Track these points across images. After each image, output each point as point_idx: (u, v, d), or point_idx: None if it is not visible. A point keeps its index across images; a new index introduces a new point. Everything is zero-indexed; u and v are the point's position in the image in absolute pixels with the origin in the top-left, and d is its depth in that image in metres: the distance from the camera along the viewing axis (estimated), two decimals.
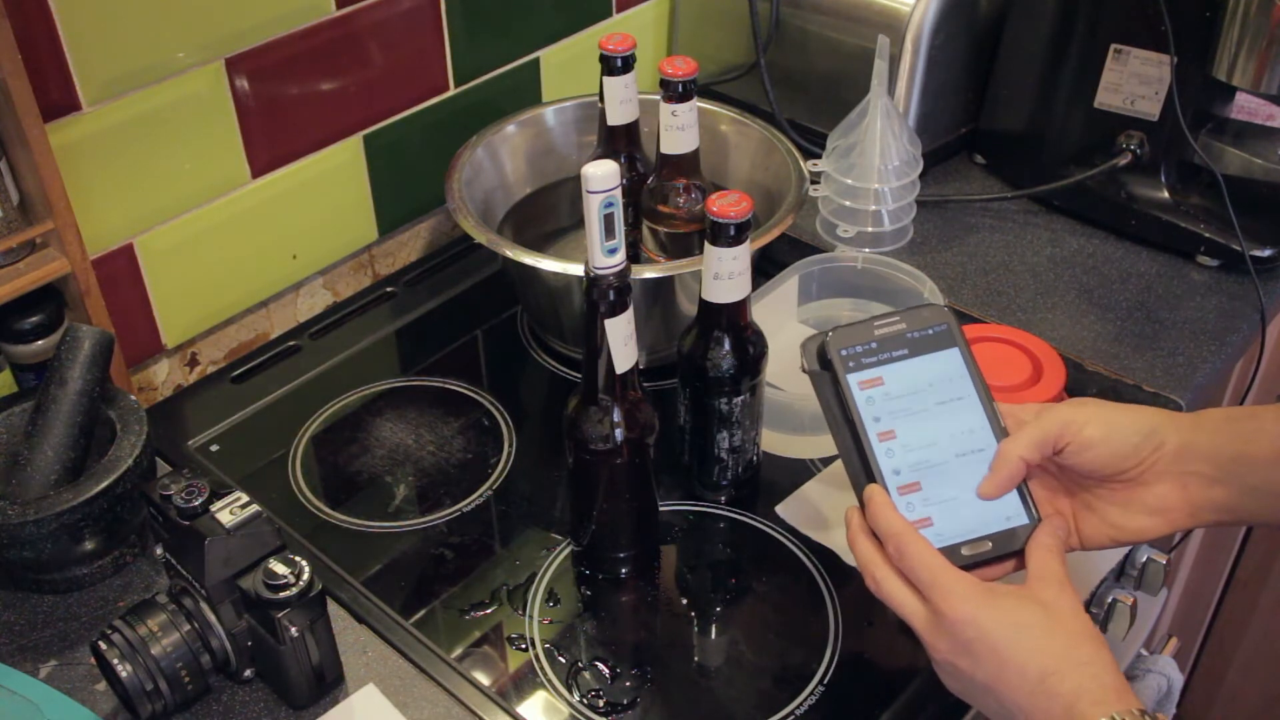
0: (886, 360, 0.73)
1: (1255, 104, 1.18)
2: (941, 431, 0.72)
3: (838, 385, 0.72)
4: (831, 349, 0.72)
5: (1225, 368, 1.07)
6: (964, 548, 0.70)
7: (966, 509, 0.71)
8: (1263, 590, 1.60)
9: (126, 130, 0.93)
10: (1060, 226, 1.21)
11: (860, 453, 0.71)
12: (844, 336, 0.73)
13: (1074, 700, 0.61)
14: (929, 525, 0.70)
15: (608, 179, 0.70)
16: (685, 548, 0.91)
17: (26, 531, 0.79)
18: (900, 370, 0.73)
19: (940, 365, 0.73)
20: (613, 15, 1.30)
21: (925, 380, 0.73)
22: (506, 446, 0.98)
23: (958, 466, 0.72)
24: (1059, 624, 0.64)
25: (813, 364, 0.73)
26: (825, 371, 0.73)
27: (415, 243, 1.22)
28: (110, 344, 0.85)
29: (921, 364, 0.73)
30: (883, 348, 0.73)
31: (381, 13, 1.07)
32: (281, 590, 0.72)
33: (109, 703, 0.78)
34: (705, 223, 0.80)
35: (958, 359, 0.74)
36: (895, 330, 0.73)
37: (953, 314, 0.75)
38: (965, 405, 0.73)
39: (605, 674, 0.80)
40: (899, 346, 0.73)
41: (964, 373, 0.73)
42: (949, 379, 0.73)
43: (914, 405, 0.72)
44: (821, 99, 1.25)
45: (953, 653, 0.66)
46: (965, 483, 0.71)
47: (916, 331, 0.74)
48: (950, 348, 0.74)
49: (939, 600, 0.65)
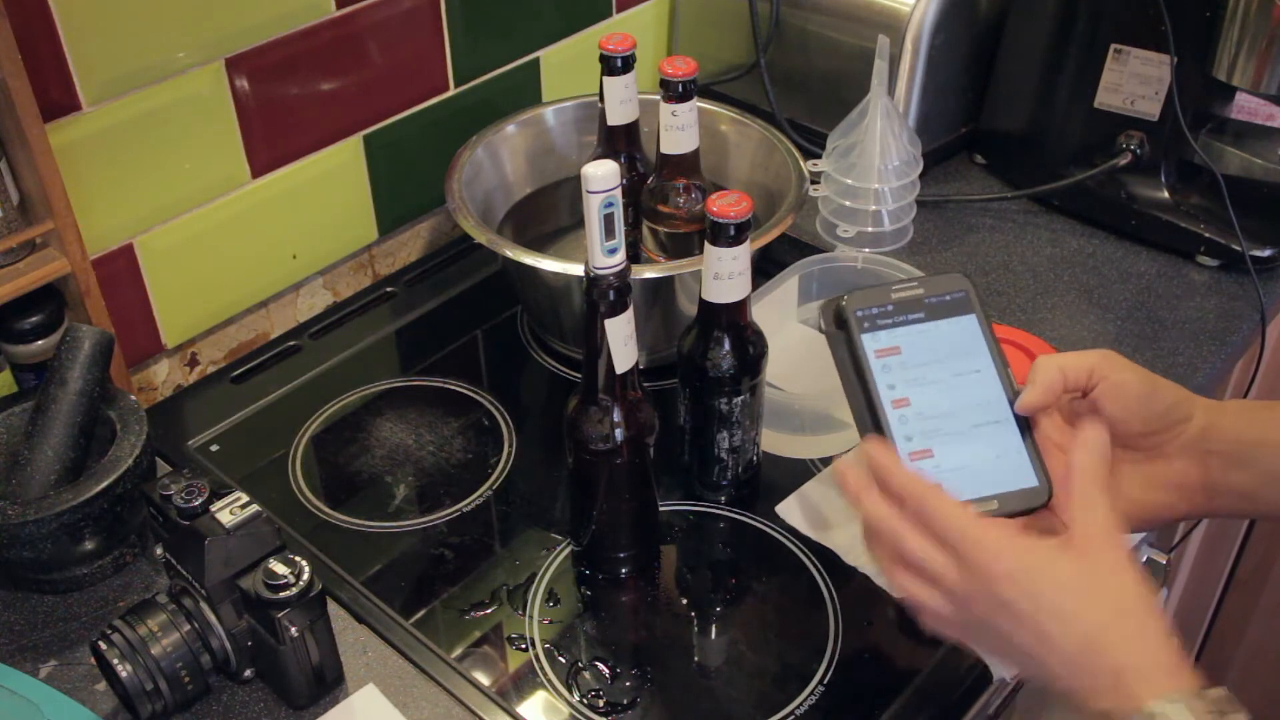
0: (903, 323, 0.72)
1: (1255, 104, 1.18)
2: (957, 402, 0.72)
3: (852, 345, 0.72)
4: (848, 310, 0.72)
5: (1225, 368, 1.07)
6: (970, 507, 0.70)
7: (976, 473, 0.71)
8: (1263, 590, 1.60)
9: (126, 130, 0.93)
10: (1060, 226, 1.21)
11: (873, 417, 0.71)
12: (861, 298, 0.72)
13: (1118, 675, 0.57)
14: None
15: (608, 179, 0.70)
16: (685, 548, 0.91)
17: (26, 531, 0.79)
18: (916, 335, 0.72)
19: (957, 331, 0.73)
20: (613, 15, 1.30)
21: (943, 348, 0.72)
22: (506, 446, 0.98)
23: (972, 436, 0.71)
24: (1103, 584, 0.60)
25: (829, 325, 0.73)
26: (841, 332, 0.72)
27: (415, 243, 1.22)
28: (110, 344, 0.85)
29: (938, 328, 0.72)
30: (899, 310, 0.72)
31: (381, 13, 1.07)
32: (281, 590, 0.72)
33: (109, 703, 0.78)
34: (705, 223, 0.80)
35: (974, 325, 0.73)
36: (913, 294, 0.73)
37: (971, 282, 0.74)
38: (982, 378, 0.72)
39: (605, 674, 0.80)
40: (915, 310, 0.72)
41: (980, 340, 0.73)
42: (966, 347, 0.73)
43: (930, 375, 0.72)
44: (821, 99, 1.25)
45: (990, 612, 0.61)
46: (978, 451, 0.71)
47: (934, 297, 0.73)
48: (968, 314, 0.73)
49: (974, 554, 0.61)
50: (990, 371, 0.73)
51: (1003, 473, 0.71)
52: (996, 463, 0.71)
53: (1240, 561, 1.61)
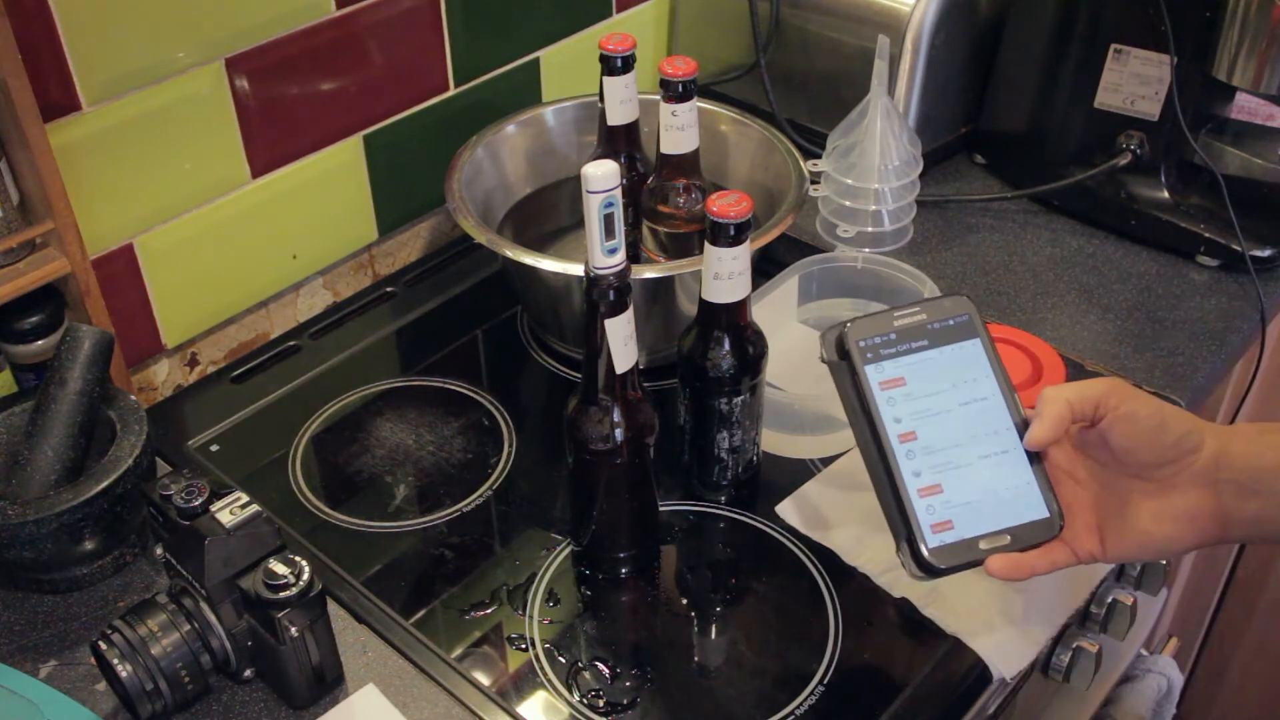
0: (906, 351, 0.71)
1: (1255, 104, 1.18)
2: (965, 433, 0.71)
3: (856, 377, 0.70)
4: (850, 339, 0.71)
5: (1225, 368, 1.07)
6: (981, 542, 0.69)
7: (987, 507, 0.70)
8: (1263, 590, 1.60)
9: (126, 130, 0.93)
10: (1060, 226, 1.21)
11: (880, 451, 0.70)
12: (863, 327, 0.71)
13: None
14: (949, 528, 0.69)
15: (608, 179, 0.70)
16: (685, 548, 0.91)
17: (26, 531, 0.79)
18: (921, 363, 0.71)
19: (962, 357, 0.72)
20: (613, 15, 1.30)
21: (947, 378, 0.71)
22: (506, 446, 0.98)
23: (981, 468, 0.70)
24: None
25: (831, 354, 0.72)
26: (843, 362, 0.71)
27: (415, 243, 1.22)
28: (110, 344, 0.85)
29: (942, 355, 0.71)
30: (902, 339, 0.71)
31: (381, 13, 1.07)
32: (281, 590, 0.72)
33: (109, 703, 0.78)
34: (705, 223, 0.80)
35: (979, 350, 0.72)
36: (915, 321, 0.72)
37: (973, 304, 0.73)
38: (989, 406, 0.71)
39: (605, 674, 0.80)
40: (919, 338, 0.71)
41: (986, 366, 0.72)
42: (971, 374, 0.72)
43: (936, 406, 0.71)
44: (821, 99, 1.25)
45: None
46: (987, 483, 0.70)
47: (937, 322, 0.72)
48: (972, 339, 0.72)
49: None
50: (997, 399, 0.72)
51: (1013, 505, 0.70)
52: (1006, 495, 0.70)
53: (1240, 561, 1.61)
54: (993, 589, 0.83)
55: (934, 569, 0.70)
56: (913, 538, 0.70)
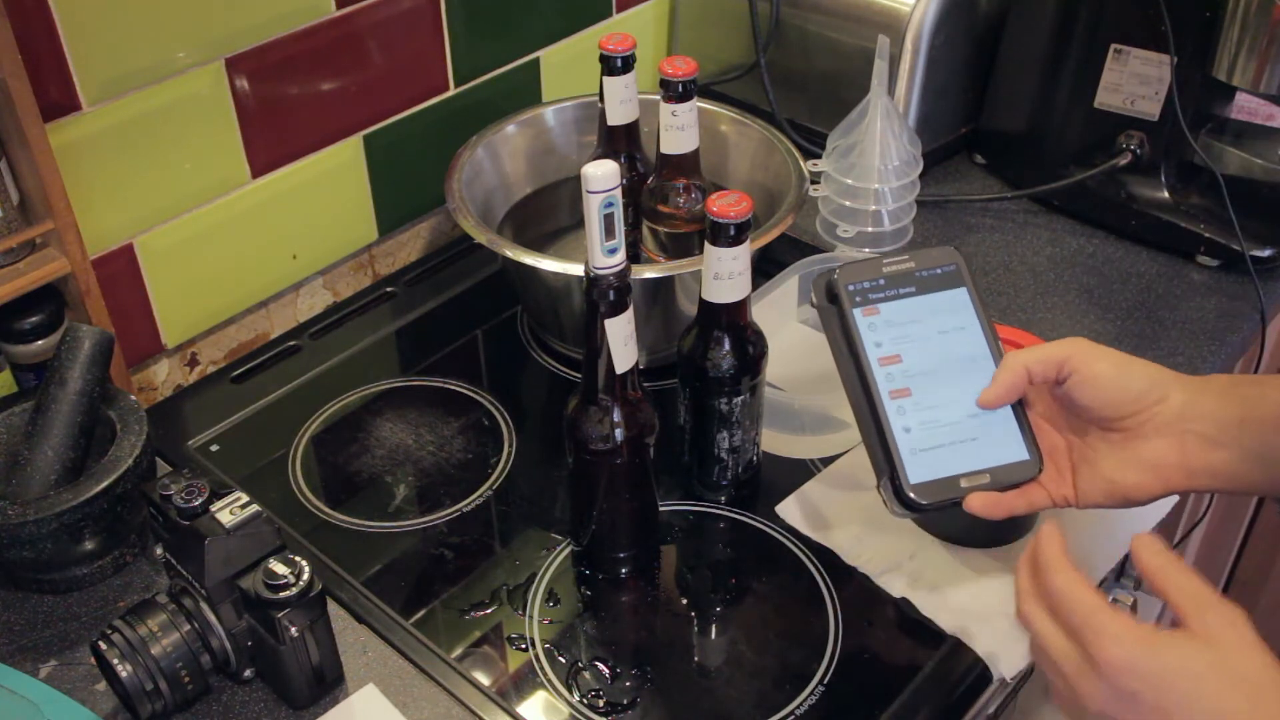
0: (894, 297, 0.73)
1: (1255, 104, 1.18)
2: (948, 371, 0.72)
3: (844, 320, 0.72)
4: (839, 284, 0.72)
5: (1225, 368, 1.07)
6: (962, 480, 0.71)
7: (968, 446, 0.72)
8: (1263, 590, 1.60)
9: (126, 130, 0.93)
10: (1060, 226, 1.21)
11: (865, 388, 0.71)
12: (852, 272, 0.73)
13: None
14: (931, 466, 0.71)
15: (608, 179, 0.70)
16: (685, 548, 0.91)
17: (26, 531, 0.79)
18: (908, 308, 0.73)
19: (948, 304, 0.73)
20: (613, 15, 1.30)
21: (935, 324, 0.73)
22: (506, 446, 0.98)
23: (963, 408, 0.72)
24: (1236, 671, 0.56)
25: (820, 299, 0.74)
26: (832, 306, 0.73)
27: (415, 243, 1.22)
28: (110, 344, 0.85)
29: (929, 301, 0.73)
30: (890, 284, 0.73)
31: (381, 13, 1.07)
32: (281, 590, 0.72)
33: (109, 703, 0.78)
34: (705, 223, 0.80)
35: (965, 299, 0.74)
36: (904, 268, 0.74)
37: (961, 256, 0.75)
38: (974, 351, 0.73)
39: (605, 674, 0.80)
40: (907, 284, 0.73)
41: (971, 314, 0.74)
42: (957, 321, 0.73)
43: (918, 334, 0.72)
44: (821, 99, 1.25)
45: (1112, 702, 0.58)
46: (969, 424, 0.72)
47: (925, 270, 0.74)
48: (959, 287, 0.74)
49: (1092, 643, 0.58)
50: (980, 345, 0.74)
51: (994, 446, 0.72)
52: (988, 436, 0.72)
53: (1240, 561, 1.61)
54: (993, 588, 0.83)
55: (915, 504, 0.72)
56: (895, 474, 0.72)
